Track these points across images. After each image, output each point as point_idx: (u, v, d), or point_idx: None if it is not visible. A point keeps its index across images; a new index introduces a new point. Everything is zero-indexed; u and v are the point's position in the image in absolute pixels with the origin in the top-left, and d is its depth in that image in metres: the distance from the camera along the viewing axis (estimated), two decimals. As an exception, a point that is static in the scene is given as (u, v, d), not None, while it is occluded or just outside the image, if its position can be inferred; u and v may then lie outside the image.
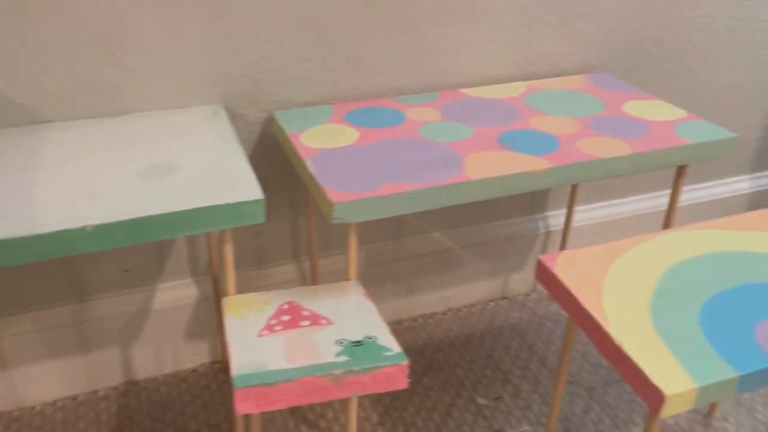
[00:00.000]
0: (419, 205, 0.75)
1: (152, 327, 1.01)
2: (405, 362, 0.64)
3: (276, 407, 0.61)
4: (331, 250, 1.09)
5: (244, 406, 0.61)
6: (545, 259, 0.75)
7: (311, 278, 1.06)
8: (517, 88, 1.02)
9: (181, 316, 1.03)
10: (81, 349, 0.99)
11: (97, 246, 0.64)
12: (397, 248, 1.13)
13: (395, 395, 1.02)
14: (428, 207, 0.75)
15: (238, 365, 0.63)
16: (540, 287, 1.27)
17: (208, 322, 1.05)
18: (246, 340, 0.67)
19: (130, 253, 0.97)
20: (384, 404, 1.01)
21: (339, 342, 0.67)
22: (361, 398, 1.01)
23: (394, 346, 0.66)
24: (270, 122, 0.95)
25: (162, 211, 0.66)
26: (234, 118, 0.93)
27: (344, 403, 1.01)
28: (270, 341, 0.67)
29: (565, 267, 0.73)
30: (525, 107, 0.96)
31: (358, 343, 0.66)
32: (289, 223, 1.05)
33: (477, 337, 1.15)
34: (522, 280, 1.25)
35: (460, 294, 1.22)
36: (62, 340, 0.97)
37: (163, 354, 1.04)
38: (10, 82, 0.80)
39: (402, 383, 0.64)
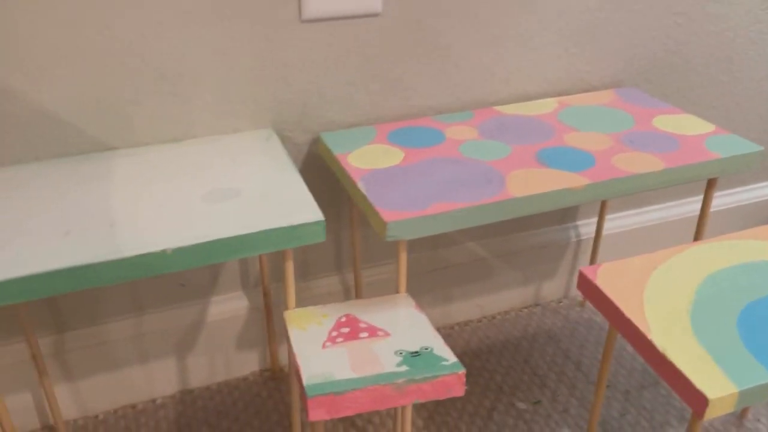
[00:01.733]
0: (466, 222, 0.79)
1: (205, 338, 1.07)
2: (462, 371, 0.68)
3: (344, 414, 0.66)
4: (370, 261, 1.14)
5: (316, 413, 0.66)
6: (586, 270, 0.79)
7: (355, 290, 1.11)
8: (549, 105, 1.07)
9: (232, 327, 1.08)
10: (140, 360, 1.04)
11: (175, 267, 0.69)
12: (433, 259, 1.18)
13: (438, 401, 1.07)
14: (474, 224, 0.80)
15: (308, 375, 0.68)
16: (572, 294, 1.32)
17: (258, 332, 1.10)
18: (311, 351, 0.72)
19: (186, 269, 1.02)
20: (428, 410, 1.05)
21: (398, 353, 0.72)
22: (405, 404, 1.05)
23: (450, 356, 0.71)
24: (316, 143, 1.01)
25: (232, 234, 0.71)
26: (282, 140, 0.98)
27: (390, 409, 1.06)
28: (334, 352, 0.72)
29: (606, 278, 0.78)
30: (558, 124, 1.00)
31: (416, 354, 0.71)
32: (333, 237, 1.10)
33: (512, 343, 1.19)
34: (554, 287, 1.30)
35: (494, 302, 1.26)
36: (123, 351, 1.02)
37: (215, 363, 1.10)
38: (80, 112, 0.86)
39: (459, 391, 0.69)
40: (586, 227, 1.27)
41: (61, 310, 0.97)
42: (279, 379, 1.12)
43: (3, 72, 0.81)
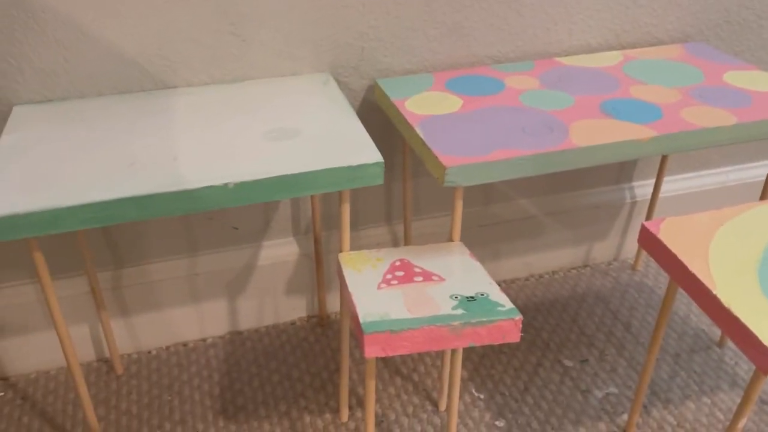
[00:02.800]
0: (527, 171, 0.78)
1: (256, 282, 1.09)
2: (518, 317, 0.68)
3: (399, 352, 0.67)
4: (420, 214, 1.14)
5: (371, 349, 0.66)
6: (649, 224, 0.77)
7: (404, 241, 1.11)
8: (614, 57, 1.03)
9: (282, 273, 1.09)
10: (192, 300, 1.07)
11: (236, 201, 0.70)
12: (484, 214, 1.16)
13: (483, 354, 1.07)
14: (535, 173, 0.78)
15: (365, 313, 0.68)
16: (623, 257, 1.29)
17: (306, 279, 1.11)
18: (367, 292, 0.72)
19: (239, 212, 1.03)
20: (473, 362, 1.06)
21: (453, 297, 0.71)
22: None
23: (506, 303, 0.70)
24: (371, 90, 1.00)
25: (292, 172, 0.71)
26: (339, 85, 0.97)
27: (435, 359, 1.06)
28: (389, 293, 0.72)
29: (670, 232, 0.76)
30: (623, 76, 0.97)
31: (471, 299, 0.71)
32: (384, 188, 1.09)
33: (560, 302, 1.18)
34: (605, 249, 1.27)
35: (542, 260, 1.25)
36: (176, 290, 1.05)
37: (264, 307, 1.12)
38: (143, 49, 0.87)
39: (515, 336, 0.68)
40: (642, 189, 1.24)
41: (120, 247, 1.00)
42: (326, 326, 1.13)
43: (70, 7, 0.82)
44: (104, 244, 0.98)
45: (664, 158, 1.15)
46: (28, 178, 0.69)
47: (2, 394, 1.01)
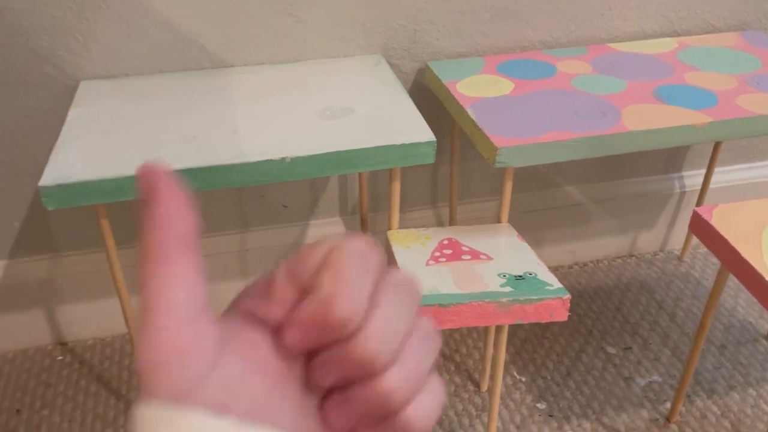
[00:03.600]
0: (578, 154, 0.78)
1: (303, 260, 1.11)
2: (567, 296, 0.68)
3: (447, 326, 0.68)
4: (465, 198, 1.15)
5: (420, 323, 0.68)
6: (702, 210, 0.77)
7: (449, 223, 1.12)
8: (668, 44, 1.02)
9: (328, 252, 1.12)
10: (242, 275, 1.10)
11: (292, 176, 0.72)
12: (529, 200, 1.17)
13: (525, 338, 1.08)
14: (587, 155, 0.79)
15: (414, 288, 0.70)
16: (669, 247, 1.28)
17: (352, 258, 1.13)
18: (416, 267, 0.74)
19: (289, 191, 1.06)
20: (515, 346, 1.06)
21: (501, 275, 0.72)
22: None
23: (555, 282, 0.71)
24: (421, 73, 1.01)
25: (347, 148, 0.73)
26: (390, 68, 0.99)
27: (477, 341, 1.07)
28: (437, 270, 0.74)
29: (722, 219, 0.75)
30: (678, 63, 0.96)
31: (519, 278, 0.72)
32: (430, 171, 1.11)
33: (604, 291, 1.18)
34: (651, 239, 1.26)
35: (587, 249, 1.24)
36: (226, 265, 1.08)
37: (310, 285, 1.14)
38: (202, 28, 0.90)
39: (562, 315, 0.69)
40: (691, 179, 1.22)
41: (174, 220, 1.03)
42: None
43: (135, -15, 0.85)
44: (160, 217, 1.02)
45: (716, 148, 1.13)
46: (98, 148, 0.73)
47: (61, 357, 1.06)
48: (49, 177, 0.68)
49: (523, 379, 1.00)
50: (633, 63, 0.96)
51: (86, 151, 0.72)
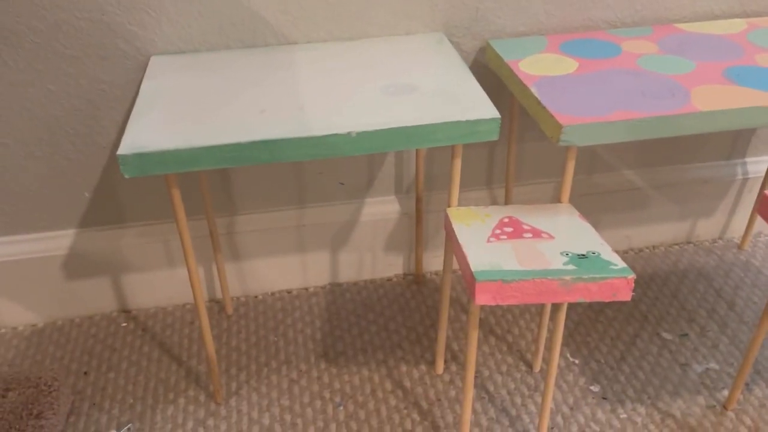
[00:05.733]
0: (646, 133, 0.77)
1: (357, 237, 1.13)
2: (632, 276, 0.68)
3: (509, 302, 0.69)
4: (521, 180, 1.14)
5: (482, 297, 0.68)
6: (772, 194, 0.75)
7: (505, 203, 1.12)
8: (738, 25, 0.99)
9: (382, 230, 1.13)
10: (298, 250, 1.12)
11: (357, 150, 0.73)
12: (586, 183, 1.16)
13: (578, 321, 1.07)
14: (654, 135, 0.77)
15: (476, 263, 0.71)
16: (728, 235, 1.25)
17: (405, 237, 1.14)
18: (477, 244, 0.74)
19: (346, 168, 1.07)
20: (568, 328, 1.06)
21: (564, 253, 0.72)
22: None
23: (619, 262, 0.70)
24: (482, 51, 1.00)
25: (411, 124, 0.73)
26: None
27: (530, 322, 1.07)
28: (499, 247, 0.74)
29: (794, 203, 0.73)
30: (748, 44, 0.93)
31: (583, 256, 0.72)
32: (487, 152, 1.10)
33: (661, 277, 1.16)
34: (710, 226, 1.23)
35: (643, 234, 1.23)
36: (283, 240, 1.11)
37: (364, 262, 1.16)
38: (268, 5, 0.91)
39: (626, 295, 0.69)
40: (755, 165, 1.19)
41: (236, 195, 1.06)
42: (421, 284, 1.16)
43: (206, -38, 0.87)
44: (223, 191, 1.05)
45: (783, 133, 1.10)
46: (170, 120, 0.75)
47: (125, 324, 1.10)
48: (127, 146, 0.70)
49: (576, 362, 1.00)
50: (701, 43, 0.93)
51: (160, 123, 0.74)
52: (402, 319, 1.09)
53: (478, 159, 1.11)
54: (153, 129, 0.73)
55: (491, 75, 1.02)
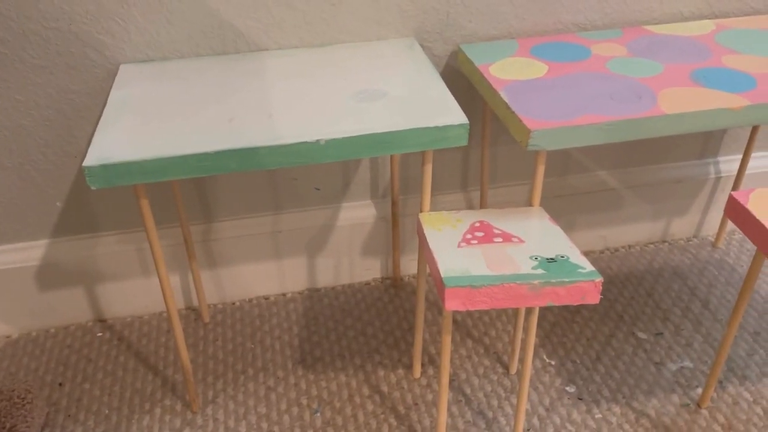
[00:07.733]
0: (613, 137, 0.78)
1: (334, 241, 1.13)
2: (599, 279, 0.69)
3: (479, 307, 0.69)
4: (495, 182, 1.15)
5: (452, 303, 0.69)
6: (738, 195, 0.76)
7: (480, 207, 1.12)
8: (706, 26, 1.00)
9: (359, 234, 1.13)
10: (275, 256, 1.12)
11: (326, 158, 0.73)
12: (560, 185, 1.16)
13: (555, 322, 1.08)
14: (621, 139, 0.78)
15: (445, 269, 0.71)
16: (703, 234, 1.26)
17: (382, 241, 1.15)
18: (447, 249, 0.75)
19: (321, 174, 1.07)
20: (544, 330, 1.07)
21: (533, 258, 0.73)
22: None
23: (587, 265, 0.71)
24: (454, 56, 1.01)
25: (381, 131, 0.74)
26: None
27: (506, 324, 1.08)
28: (469, 252, 0.74)
29: (759, 203, 0.74)
30: (716, 45, 0.94)
31: (551, 260, 0.72)
32: (462, 155, 1.11)
33: (636, 276, 1.17)
34: (684, 225, 1.25)
35: (618, 234, 1.24)
36: (260, 246, 1.10)
37: (341, 267, 1.16)
38: (238, 12, 0.91)
39: (594, 298, 0.69)
40: (727, 164, 1.20)
41: (211, 202, 1.05)
42: (399, 288, 1.16)
43: (174, -31, 0.86)
44: (197, 198, 1.04)
45: (753, 133, 1.11)
46: (138, 130, 0.75)
47: (101, 334, 1.09)
48: (93, 157, 0.70)
49: (553, 363, 1.01)
50: (669, 45, 0.94)
51: (127, 133, 0.74)
52: (380, 323, 1.09)
53: (453, 162, 1.11)
54: (120, 139, 0.73)
55: (463, 79, 1.03)
